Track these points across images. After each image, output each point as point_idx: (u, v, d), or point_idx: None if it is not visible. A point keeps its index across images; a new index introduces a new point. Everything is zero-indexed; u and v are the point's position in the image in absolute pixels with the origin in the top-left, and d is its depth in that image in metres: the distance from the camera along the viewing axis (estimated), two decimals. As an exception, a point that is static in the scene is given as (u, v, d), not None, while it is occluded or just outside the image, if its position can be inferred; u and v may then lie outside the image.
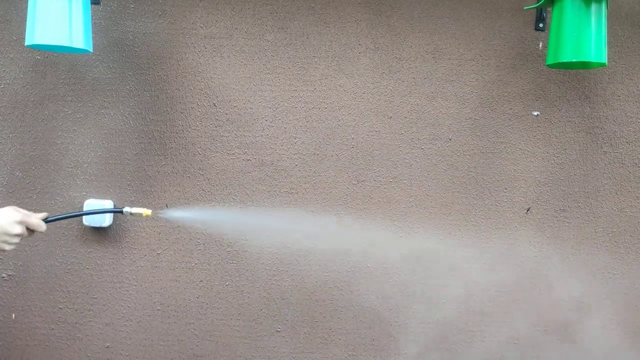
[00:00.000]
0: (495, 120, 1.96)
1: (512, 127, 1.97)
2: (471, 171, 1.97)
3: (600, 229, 2.01)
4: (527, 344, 2.01)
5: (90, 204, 1.88)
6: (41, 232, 1.53)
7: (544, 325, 2.01)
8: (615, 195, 2.00)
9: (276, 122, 1.93)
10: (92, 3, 1.80)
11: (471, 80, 1.95)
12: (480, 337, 2.01)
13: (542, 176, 1.98)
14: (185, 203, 1.92)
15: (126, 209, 1.68)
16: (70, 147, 1.90)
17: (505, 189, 1.98)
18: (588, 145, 1.99)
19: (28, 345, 1.94)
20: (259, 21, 1.90)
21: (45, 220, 1.55)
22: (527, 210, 1.99)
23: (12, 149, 1.89)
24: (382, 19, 1.92)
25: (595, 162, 2.00)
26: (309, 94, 1.93)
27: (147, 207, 1.73)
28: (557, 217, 1.99)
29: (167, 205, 1.92)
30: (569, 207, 1.99)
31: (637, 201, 2.01)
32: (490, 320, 2.00)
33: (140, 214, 1.68)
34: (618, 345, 2.04)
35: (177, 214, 1.89)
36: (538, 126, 1.97)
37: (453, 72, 1.94)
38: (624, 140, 2.00)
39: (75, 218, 1.89)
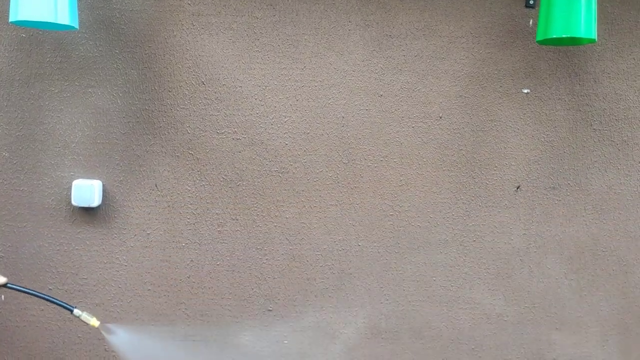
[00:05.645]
0: (485, 98, 1.96)
1: (502, 105, 1.97)
2: (461, 149, 1.97)
3: (590, 206, 2.02)
4: (515, 321, 2.03)
5: (78, 184, 1.86)
6: None
7: (531, 302, 2.03)
8: (604, 173, 2.01)
9: (266, 100, 1.91)
10: (77, -21, 1.77)
11: (462, 57, 1.94)
12: (470, 317, 2.02)
13: (532, 154, 1.99)
14: (175, 182, 1.91)
15: (76, 312, 1.65)
16: (58, 127, 1.88)
17: (496, 166, 1.98)
18: (577, 123, 2.00)
19: (18, 326, 1.93)
20: (247, -2, 1.88)
21: (6, 285, 1.58)
22: (517, 188, 2.00)
23: (-2, 128, 1.87)
24: (372, -4, 1.90)
25: (585, 139, 2.00)
26: (298, 72, 1.91)
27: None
28: (546, 194, 2.00)
29: (156, 185, 1.91)
30: (558, 184, 2.00)
31: (626, 178, 2.02)
32: (479, 298, 2.02)
33: (88, 322, 1.66)
34: (607, 322, 2.06)
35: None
36: (528, 104, 1.97)
37: (443, 49, 1.94)
38: (613, 117, 2.00)
39: (64, 204, 1.88)
